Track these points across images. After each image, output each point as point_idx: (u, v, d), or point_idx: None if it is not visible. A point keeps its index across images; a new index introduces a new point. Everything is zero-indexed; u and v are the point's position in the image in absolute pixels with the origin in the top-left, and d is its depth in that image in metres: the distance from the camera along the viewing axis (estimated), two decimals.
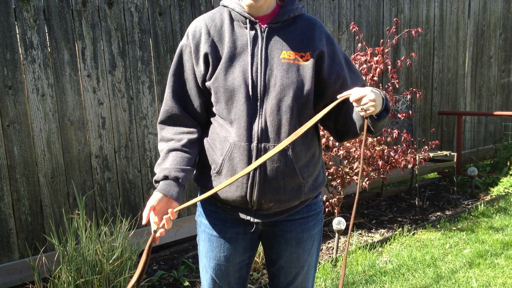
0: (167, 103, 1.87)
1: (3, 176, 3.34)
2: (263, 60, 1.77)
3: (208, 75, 1.80)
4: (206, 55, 1.79)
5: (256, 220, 1.86)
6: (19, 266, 3.45)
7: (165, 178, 1.78)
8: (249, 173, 1.75)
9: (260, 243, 2.03)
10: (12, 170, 3.37)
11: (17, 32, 3.33)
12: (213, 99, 1.81)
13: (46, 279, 3.13)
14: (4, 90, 3.29)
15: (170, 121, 1.88)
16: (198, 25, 1.83)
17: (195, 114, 1.87)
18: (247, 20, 1.78)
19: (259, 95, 1.75)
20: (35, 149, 3.45)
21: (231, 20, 1.82)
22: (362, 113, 1.70)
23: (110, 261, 3.03)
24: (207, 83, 1.80)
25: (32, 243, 3.50)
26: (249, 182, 1.77)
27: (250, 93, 1.75)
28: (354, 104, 1.70)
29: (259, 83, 1.75)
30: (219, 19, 1.83)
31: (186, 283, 3.59)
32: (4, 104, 3.30)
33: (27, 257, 3.37)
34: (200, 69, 1.80)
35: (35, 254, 3.38)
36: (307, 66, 1.77)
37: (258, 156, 1.74)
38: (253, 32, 1.79)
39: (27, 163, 3.43)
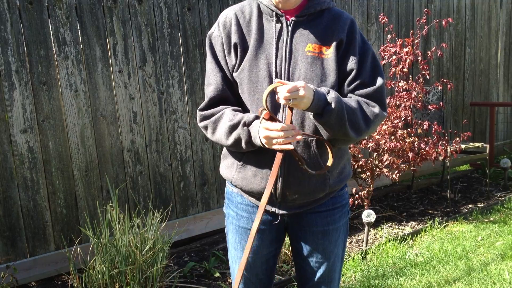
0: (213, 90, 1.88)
1: (39, 170, 3.44)
2: (287, 53, 1.78)
3: (235, 67, 1.82)
4: (235, 45, 1.81)
5: (281, 212, 1.88)
6: (55, 257, 3.55)
7: (256, 117, 1.75)
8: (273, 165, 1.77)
9: (287, 235, 2.05)
10: (47, 164, 3.47)
11: (50, 29, 3.41)
12: (239, 90, 1.84)
13: (81, 270, 3.21)
14: (38, 86, 3.38)
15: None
16: (228, 15, 1.85)
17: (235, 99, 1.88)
18: (274, 13, 1.80)
19: None
20: (69, 144, 3.54)
21: (260, 13, 1.84)
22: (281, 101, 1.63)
23: (143, 252, 3.09)
24: (234, 74, 1.83)
25: (67, 235, 3.59)
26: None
27: None
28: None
29: (283, 75, 1.77)
30: (248, 11, 1.85)
31: (217, 274, 3.63)
32: (39, 100, 3.39)
33: (63, 248, 3.45)
34: (232, 59, 1.83)
35: (70, 246, 3.46)
36: (330, 58, 1.77)
37: None
38: (279, 25, 1.80)
39: (61, 157, 3.51)
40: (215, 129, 1.82)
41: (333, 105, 1.65)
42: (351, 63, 1.78)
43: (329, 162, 1.77)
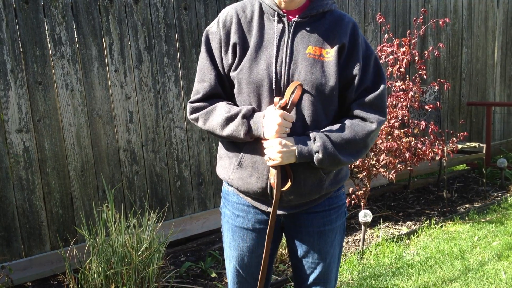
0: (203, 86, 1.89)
1: (35, 170, 3.42)
2: (288, 54, 1.76)
3: (234, 66, 1.80)
4: (234, 45, 1.79)
5: (277, 212, 1.88)
6: (50, 257, 3.53)
7: (254, 110, 1.77)
8: (269, 166, 1.76)
9: (283, 235, 2.05)
10: (43, 164, 3.45)
11: (46, 29, 3.39)
12: (235, 90, 1.82)
13: (77, 270, 3.20)
14: (34, 86, 3.36)
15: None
16: (229, 13, 1.83)
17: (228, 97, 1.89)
18: (276, 13, 1.78)
19: (282, 89, 1.75)
20: (65, 143, 3.52)
21: (261, 12, 1.82)
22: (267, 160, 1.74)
23: (139, 253, 3.08)
24: (232, 74, 1.81)
25: (63, 235, 3.58)
26: (269, 174, 1.78)
27: (274, 87, 1.75)
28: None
29: (282, 77, 1.75)
30: (249, 10, 1.83)
31: (213, 274, 3.63)
32: (34, 100, 3.37)
33: (58, 248, 3.45)
34: (228, 58, 1.81)
35: (66, 246, 3.45)
36: (331, 62, 1.75)
37: None
38: (280, 26, 1.78)
39: (57, 157, 3.50)
40: (207, 120, 1.82)
41: (320, 154, 1.71)
42: (355, 69, 1.78)
43: (286, 186, 1.78)
